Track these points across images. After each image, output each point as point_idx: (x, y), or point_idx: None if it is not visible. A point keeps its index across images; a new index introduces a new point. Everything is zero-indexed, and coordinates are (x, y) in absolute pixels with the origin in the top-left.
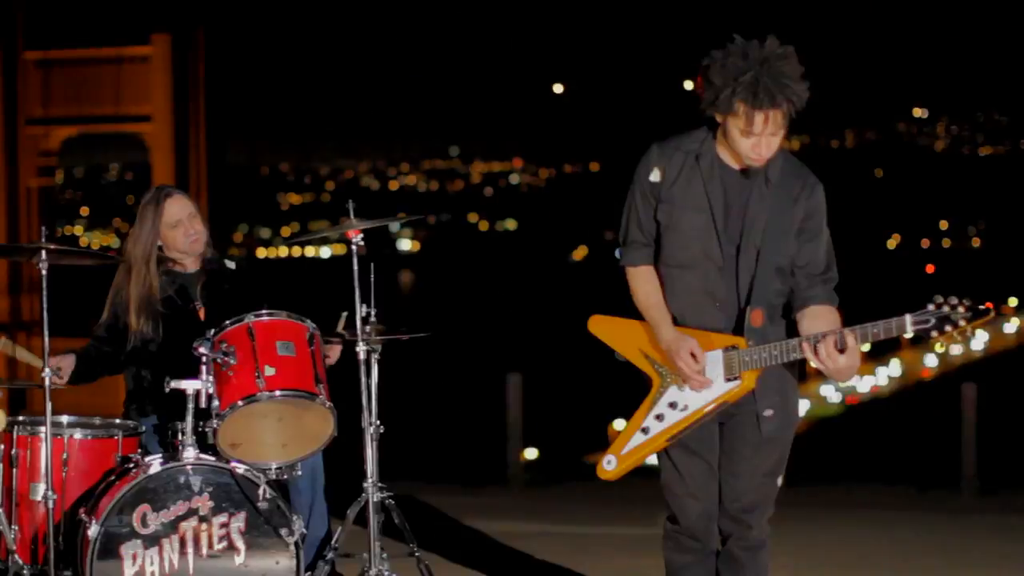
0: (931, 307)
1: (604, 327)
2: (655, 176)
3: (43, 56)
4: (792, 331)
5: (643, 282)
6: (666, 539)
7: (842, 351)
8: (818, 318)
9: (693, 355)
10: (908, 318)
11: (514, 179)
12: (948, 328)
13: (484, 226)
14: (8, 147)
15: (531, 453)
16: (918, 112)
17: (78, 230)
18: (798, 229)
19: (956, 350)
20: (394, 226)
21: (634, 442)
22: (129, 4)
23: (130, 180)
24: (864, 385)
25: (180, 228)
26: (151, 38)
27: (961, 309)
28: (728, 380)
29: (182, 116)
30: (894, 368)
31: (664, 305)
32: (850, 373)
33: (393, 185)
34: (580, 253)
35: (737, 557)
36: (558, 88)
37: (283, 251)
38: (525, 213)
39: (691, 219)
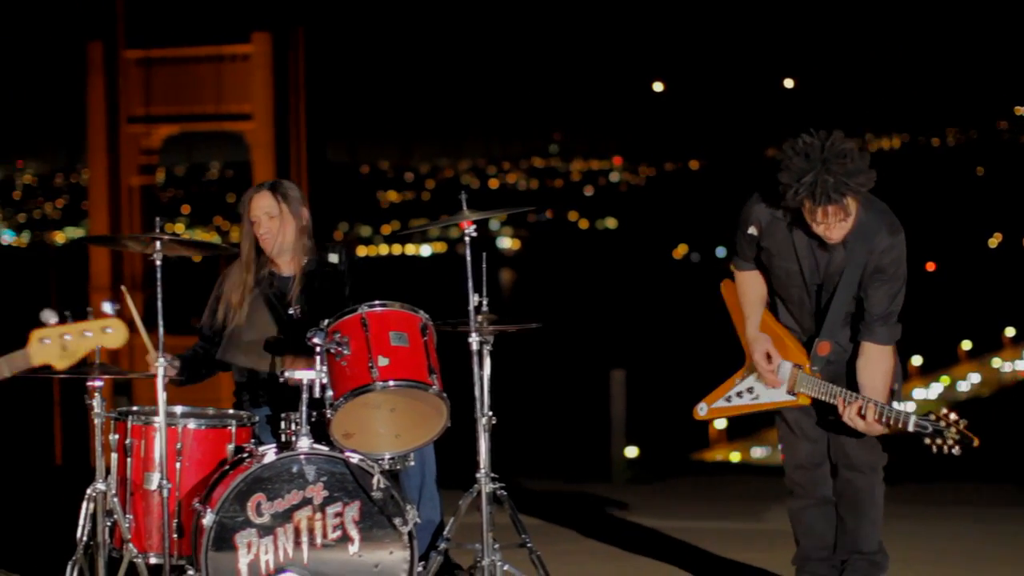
0: (933, 417)
1: (730, 295)
2: (753, 231)
3: (144, 55)
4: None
5: (744, 281)
6: (785, 487)
7: (863, 419)
8: (868, 359)
9: (768, 355)
10: (912, 419)
11: (614, 177)
12: (938, 441)
13: (584, 224)
14: (110, 146)
15: (631, 451)
16: (1020, 111)
17: (179, 228)
18: (871, 276)
19: None
20: (494, 224)
21: (719, 403)
22: (230, 2)
23: (231, 178)
24: (964, 385)
25: (256, 226)
26: (252, 36)
27: (953, 430)
28: (789, 392)
29: (282, 114)
30: (996, 367)
31: (760, 301)
32: (872, 433)
33: (493, 183)
34: (680, 251)
35: (846, 500)
36: (658, 86)
37: (383, 249)
38: (625, 211)
39: (784, 267)
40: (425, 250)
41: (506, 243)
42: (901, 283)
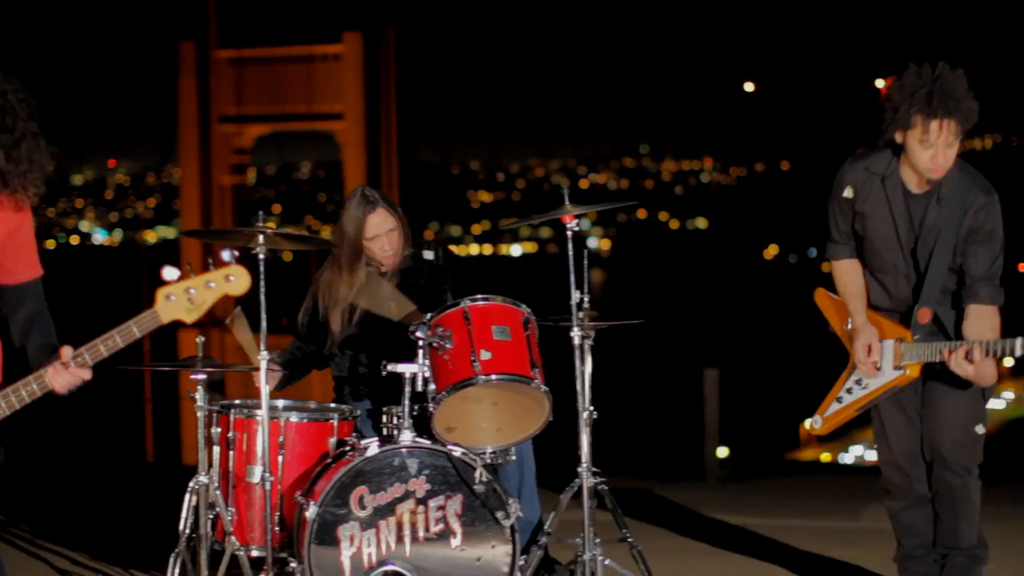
0: None
1: (825, 300)
2: (848, 193)
3: (236, 55)
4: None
5: (842, 274)
6: (882, 486)
7: (971, 362)
8: (974, 319)
9: (869, 347)
10: (1020, 340)
11: (704, 178)
12: None
13: (675, 224)
14: (202, 145)
15: (722, 451)
16: None
17: (270, 227)
18: (967, 237)
19: None
20: (585, 224)
21: (832, 408)
22: (321, 2)
23: (322, 178)
24: None
25: (377, 242)
26: (343, 36)
27: None
28: (895, 368)
29: (374, 114)
30: None
31: (860, 294)
32: (985, 379)
33: (584, 183)
34: (771, 252)
35: (941, 499)
36: (749, 86)
37: (473, 249)
38: (715, 211)
39: (879, 229)
40: (516, 250)
41: (596, 243)
42: (999, 245)
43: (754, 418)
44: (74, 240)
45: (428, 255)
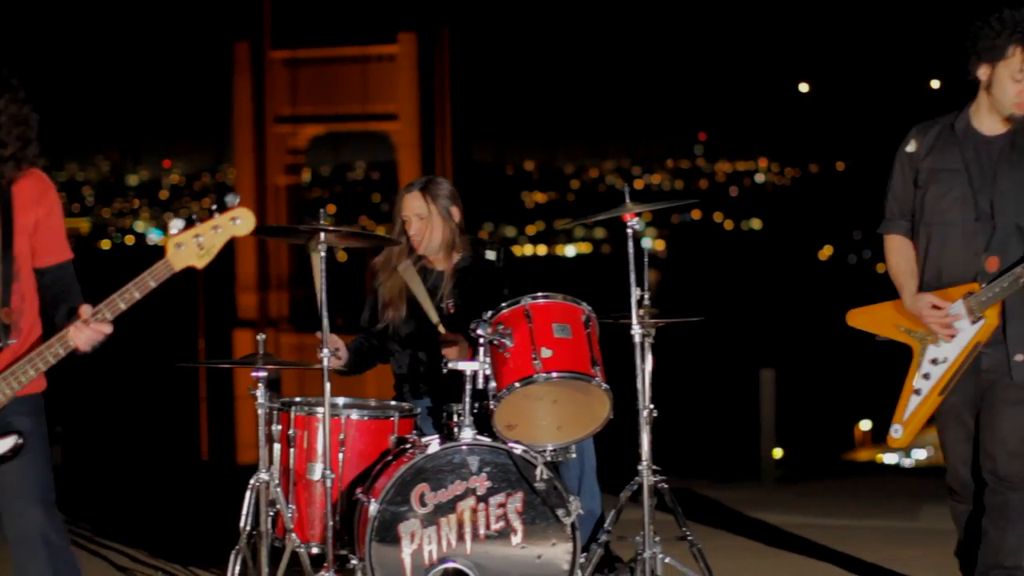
0: None
1: (860, 317)
2: (911, 147)
3: (291, 55)
4: None
5: (894, 251)
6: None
7: None
8: None
9: (935, 307)
10: None
11: (759, 178)
12: None
13: (729, 225)
14: (256, 146)
15: (776, 451)
16: None
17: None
18: None
19: None
20: (639, 224)
21: (911, 406)
22: (375, 3)
23: (376, 179)
24: None
25: (407, 224)
26: (397, 37)
27: None
28: (973, 322)
29: (428, 114)
30: None
31: (912, 272)
32: None
33: (638, 184)
34: (825, 252)
35: (993, 516)
36: (804, 87)
37: (528, 249)
38: (770, 212)
39: (947, 181)
40: (570, 251)
41: (651, 243)
42: None
43: (809, 419)
44: (129, 240)
45: (490, 255)
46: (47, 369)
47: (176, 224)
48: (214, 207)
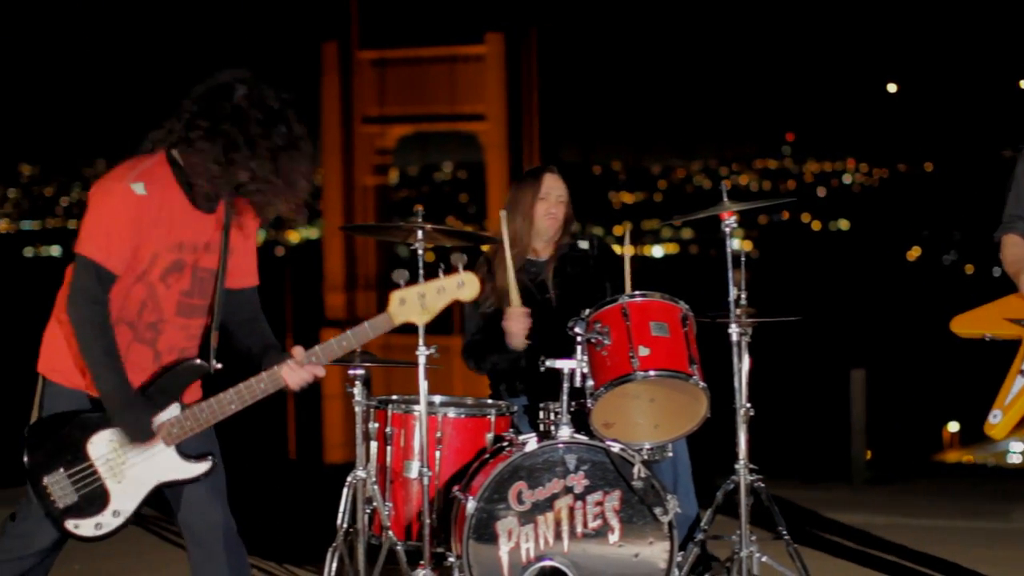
0: None
1: (964, 321)
2: None
3: (378, 55)
4: None
5: (1011, 245)
6: None
7: None
8: None
9: None
10: None
11: (847, 179)
12: None
13: (817, 226)
14: (344, 146)
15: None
16: None
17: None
18: None
19: None
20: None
21: (1015, 390)
22: (463, 3)
23: (464, 179)
24: None
25: (545, 204)
26: (485, 37)
27: None
28: None
29: (516, 115)
30: None
31: None
32: None
33: (727, 184)
34: (914, 253)
35: None
36: (892, 87)
37: (616, 250)
38: (858, 213)
39: None
40: (657, 251)
41: (738, 244)
42: None
43: (899, 420)
44: None
45: (583, 245)
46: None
47: (400, 275)
48: (441, 266)
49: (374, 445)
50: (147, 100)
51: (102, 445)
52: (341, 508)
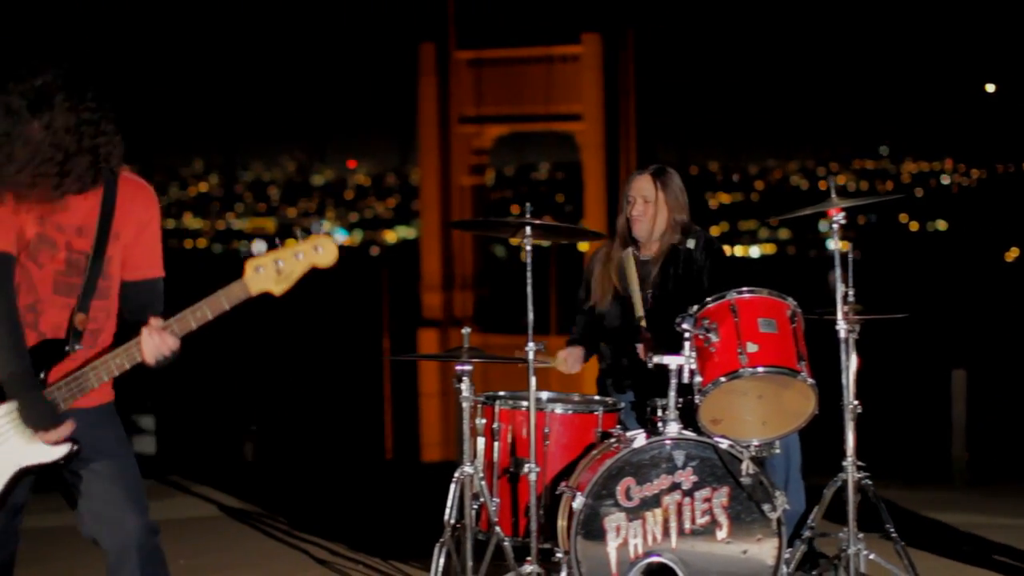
0: None
1: None
2: None
3: (475, 56)
4: None
5: None
6: None
7: None
8: None
9: None
10: None
11: (945, 179)
12: None
13: (914, 227)
14: (441, 146)
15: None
16: None
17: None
18: None
19: None
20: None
21: None
22: (559, 4)
23: (560, 179)
24: None
25: (632, 205)
26: (581, 37)
27: None
28: None
29: (612, 115)
30: None
31: None
32: None
33: (822, 185)
34: (1012, 254)
35: None
36: (990, 87)
37: (690, 244)
38: (956, 213)
39: None
40: (754, 251)
41: (836, 244)
42: None
43: (999, 420)
44: None
45: (690, 243)
46: (110, 379)
47: (259, 245)
48: (297, 230)
49: (481, 441)
50: (245, 97)
51: None
52: (448, 504)
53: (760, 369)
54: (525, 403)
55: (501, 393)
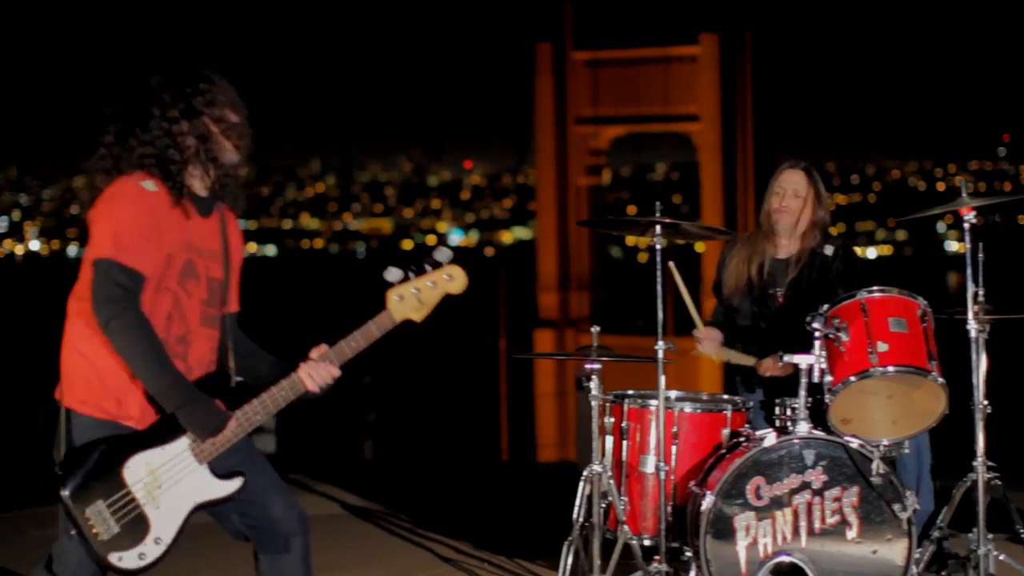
0: None
1: None
2: None
3: (592, 56)
4: None
5: None
6: None
7: None
8: None
9: None
10: None
11: None
12: None
13: None
14: (558, 147)
15: None
16: None
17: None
18: None
19: None
20: (941, 227)
21: None
22: (677, 4)
23: (676, 180)
24: None
25: (778, 196)
26: (699, 37)
27: None
28: None
29: (729, 115)
30: None
31: None
32: None
33: (940, 186)
34: None
35: None
36: None
37: (828, 251)
38: None
39: None
40: (871, 252)
41: (953, 246)
42: None
43: None
44: (431, 240)
45: (828, 250)
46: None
47: (393, 273)
48: (427, 261)
49: (609, 440)
50: (363, 97)
51: (138, 469)
52: (577, 502)
53: (890, 368)
54: (654, 402)
55: (630, 392)
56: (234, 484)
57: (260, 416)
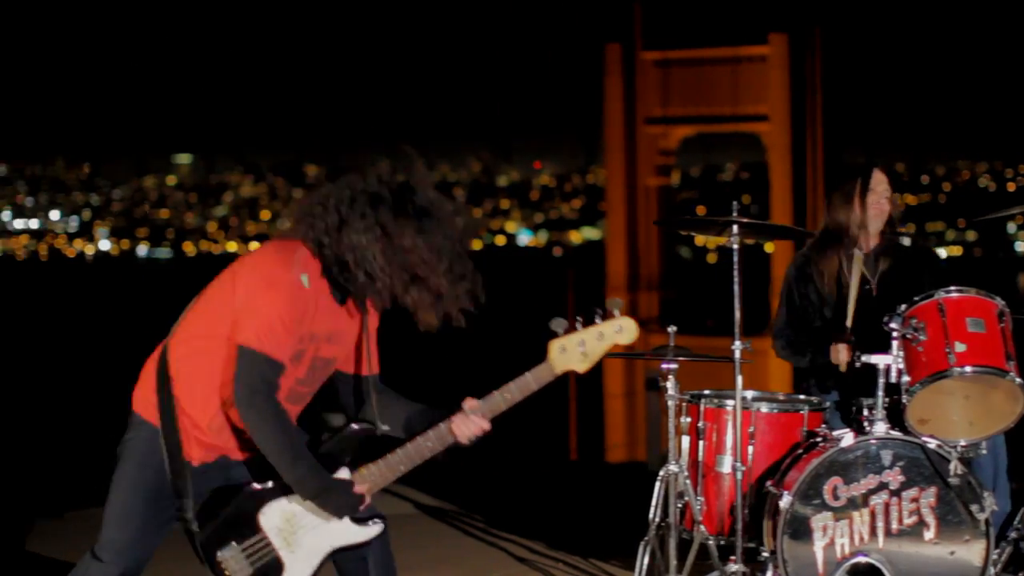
0: None
1: None
2: None
3: (662, 56)
4: None
5: None
6: None
7: None
8: None
9: None
10: None
11: None
12: None
13: None
14: (627, 147)
15: None
16: None
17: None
18: None
19: None
20: (1011, 228)
21: None
22: (746, 4)
23: (746, 180)
24: None
25: (874, 195)
26: (768, 38)
27: None
28: None
29: (799, 116)
30: None
31: None
32: None
33: (1010, 187)
34: None
35: None
36: None
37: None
38: None
39: None
40: (941, 253)
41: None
42: None
43: None
44: (500, 241)
45: (905, 241)
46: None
47: (558, 325)
48: (598, 312)
49: (685, 439)
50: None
51: (274, 516)
52: (653, 502)
53: (968, 369)
54: (731, 402)
55: (707, 392)
56: (374, 529)
57: (404, 466)
